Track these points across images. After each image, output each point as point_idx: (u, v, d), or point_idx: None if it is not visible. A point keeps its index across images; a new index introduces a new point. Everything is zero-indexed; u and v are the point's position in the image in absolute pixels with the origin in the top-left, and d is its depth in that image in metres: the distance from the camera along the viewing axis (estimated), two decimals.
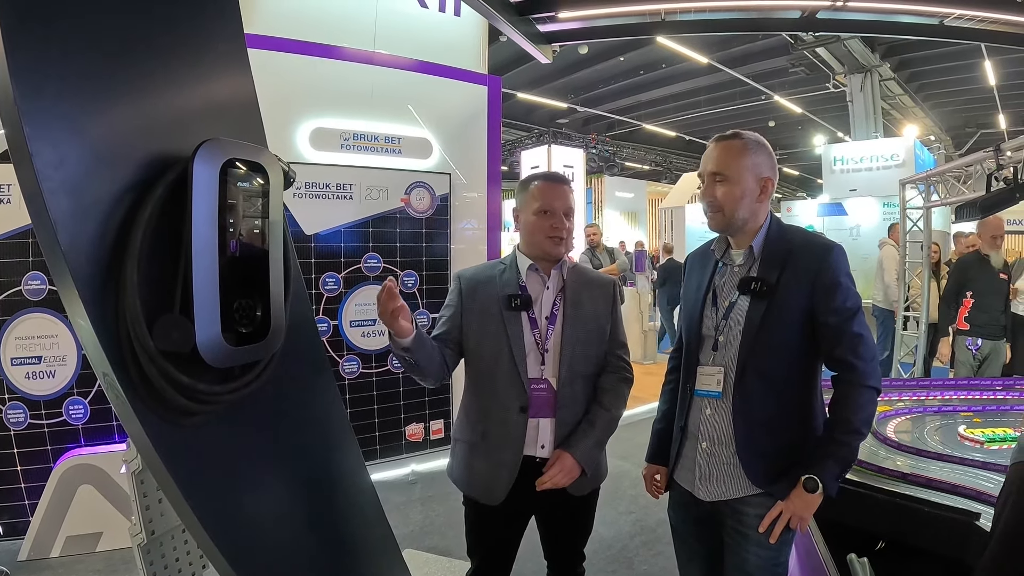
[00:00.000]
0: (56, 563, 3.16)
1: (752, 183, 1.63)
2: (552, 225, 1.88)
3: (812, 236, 1.74)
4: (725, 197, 1.63)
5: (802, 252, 1.61)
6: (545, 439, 1.87)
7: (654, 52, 13.10)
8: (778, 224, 1.70)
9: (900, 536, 2.10)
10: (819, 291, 1.57)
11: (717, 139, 1.68)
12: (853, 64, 12.30)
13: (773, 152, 1.69)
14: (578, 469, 1.83)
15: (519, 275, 1.93)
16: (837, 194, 11.11)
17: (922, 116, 16.07)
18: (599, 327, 1.96)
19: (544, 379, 1.87)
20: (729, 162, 1.63)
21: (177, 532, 1.73)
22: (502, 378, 1.85)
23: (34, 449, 3.30)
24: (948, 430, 2.72)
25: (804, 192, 24.16)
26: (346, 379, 4.25)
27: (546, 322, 1.90)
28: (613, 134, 20.42)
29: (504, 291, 1.89)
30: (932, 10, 4.78)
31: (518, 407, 1.85)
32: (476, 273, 1.98)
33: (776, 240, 1.65)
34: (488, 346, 1.88)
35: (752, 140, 1.65)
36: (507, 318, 1.86)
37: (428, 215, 4.51)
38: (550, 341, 1.89)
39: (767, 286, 1.59)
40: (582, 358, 1.91)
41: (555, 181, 1.95)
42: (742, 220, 1.65)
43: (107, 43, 1.08)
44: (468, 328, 1.91)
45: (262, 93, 1.44)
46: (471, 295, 1.92)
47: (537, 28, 4.90)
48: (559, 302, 1.92)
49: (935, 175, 5.40)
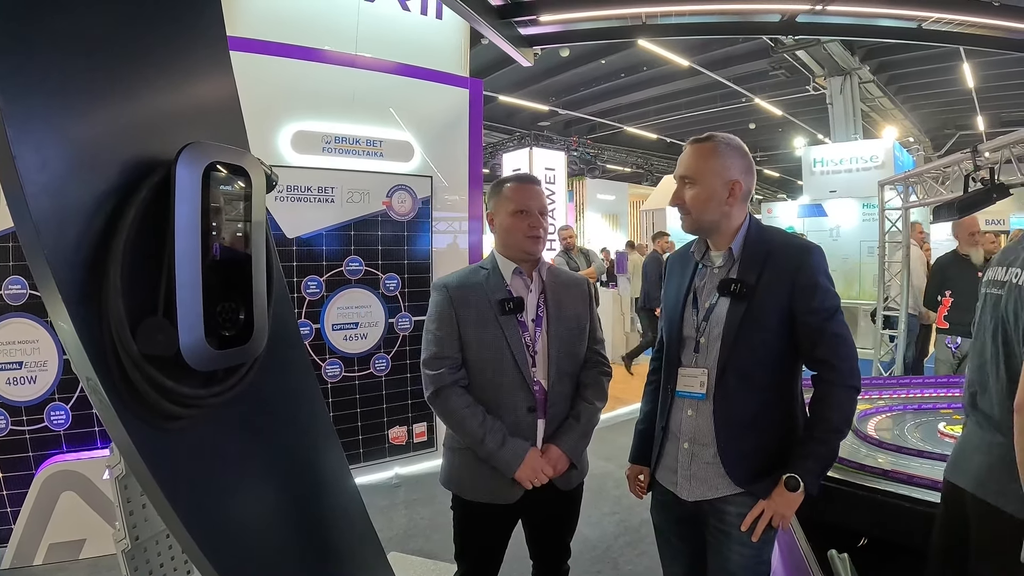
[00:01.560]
0: (39, 571, 3.13)
1: (718, 186, 1.63)
2: (529, 224, 1.90)
3: (791, 237, 1.76)
4: (692, 200, 1.65)
5: (781, 253, 1.62)
6: (538, 438, 1.90)
7: (635, 55, 13.15)
8: (757, 226, 1.71)
9: (881, 532, 2.13)
10: (798, 292, 1.59)
11: (691, 142, 1.70)
12: (833, 67, 12.43)
13: (749, 154, 1.70)
14: (566, 460, 1.87)
15: (503, 279, 1.94)
16: (817, 195, 11.22)
17: (901, 118, 16.27)
18: (580, 326, 2.00)
19: (536, 380, 1.90)
20: (696, 165, 1.65)
21: (162, 537, 1.72)
22: (509, 382, 1.87)
23: (16, 456, 3.26)
24: (928, 427, 2.77)
25: (784, 193, 24.38)
26: (328, 383, 4.24)
27: (533, 324, 1.92)
28: (595, 136, 20.49)
29: (495, 296, 1.89)
30: (911, 14, 4.83)
31: (526, 408, 1.88)
32: (461, 281, 1.95)
33: (755, 242, 1.66)
34: (489, 353, 1.87)
35: (723, 143, 1.66)
36: (504, 323, 1.87)
37: (410, 218, 4.51)
38: (538, 343, 1.91)
39: (747, 287, 1.61)
40: (568, 357, 1.95)
41: (528, 182, 1.99)
42: (710, 222, 1.67)
43: (90, 47, 1.07)
44: (466, 338, 1.88)
45: (244, 96, 1.44)
46: (463, 303, 1.89)
47: (519, 31, 4.90)
48: (542, 303, 1.95)
49: (913, 176, 5.47)
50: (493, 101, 15.98)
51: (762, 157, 22.53)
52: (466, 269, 2.06)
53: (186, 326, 1.09)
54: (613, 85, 15.94)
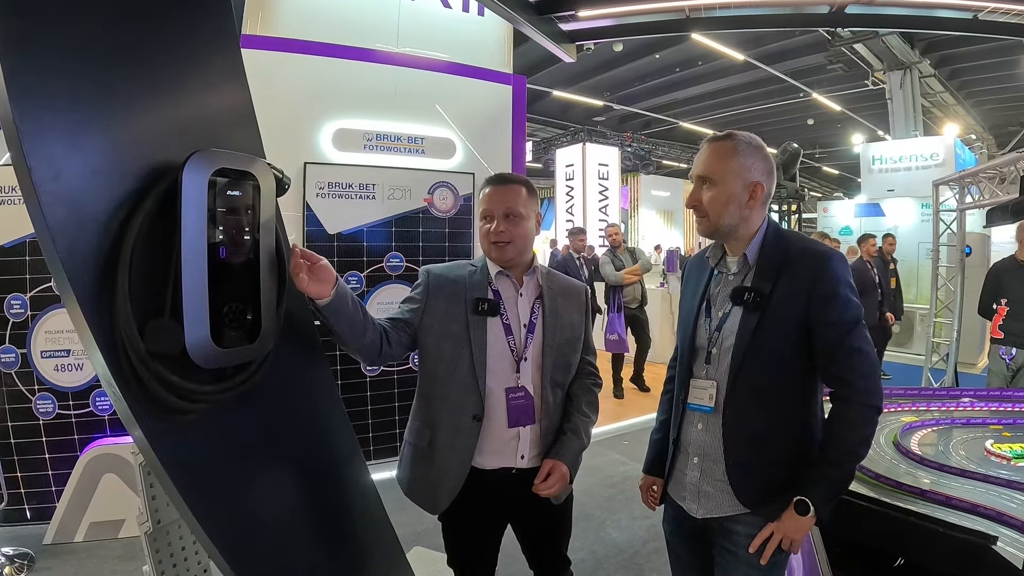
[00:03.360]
0: (79, 547, 3.27)
1: (739, 188, 1.53)
2: (489, 230, 1.81)
3: (810, 243, 1.62)
4: (711, 202, 1.55)
5: (798, 260, 1.52)
6: (525, 449, 1.82)
7: (690, 49, 12.96)
8: (775, 230, 1.61)
9: (910, 557, 2.02)
10: (815, 302, 1.48)
11: (708, 140, 1.61)
12: (892, 61, 11.97)
13: (771, 156, 1.60)
14: (568, 476, 1.80)
15: (489, 279, 1.86)
16: (875, 194, 10.84)
17: (963, 114, 15.55)
18: (575, 336, 1.92)
19: (521, 387, 1.81)
20: (716, 165, 1.55)
21: (183, 522, 1.78)
22: (458, 383, 1.79)
23: (61, 438, 3.43)
24: (974, 444, 2.62)
25: (842, 192, 23.59)
26: (367, 376, 4.30)
27: (524, 330, 1.85)
28: (649, 132, 20.22)
29: (472, 294, 1.82)
30: (965, 3, 4.56)
31: (471, 415, 1.78)
32: (445, 271, 1.89)
33: (772, 248, 1.56)
34: (449, 348, 1.80)
35: (744, 142, 1.56)
36: (472, 322, 1.79)
37: (451, 215, 4.52)
38: (529, 349, 1.83)
39: (760, 296, 1.52)
40: (562, 367, 1.88)
41: (499, 183, 1.87)
42: (729, 226, 1.57)
43: (102, 60, 1.13)
44: (428, 326, 1.82)
45: (285, 95, 1.49)
46: (437, 292, 1.83)
47: (559, 27, 4.86)
48: (537, 309, 1.87)
49: (969, 176, 5.22)
50: (547, 96, 15.96)
51: (821, 154, 21.91)
52: (457, 262, 1.99)
53: (192, 326, 1.14)
54: (668, 80, 15.74)
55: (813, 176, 25.39)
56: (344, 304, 1.58)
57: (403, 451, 1.94)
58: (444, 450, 1.81)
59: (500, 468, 1.81)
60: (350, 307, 1.60)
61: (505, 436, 1.81)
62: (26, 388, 3.38)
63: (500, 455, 1.81)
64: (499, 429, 1.80)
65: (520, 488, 1.78)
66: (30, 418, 3.38)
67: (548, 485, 1.75)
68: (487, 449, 1.81)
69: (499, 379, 1.80)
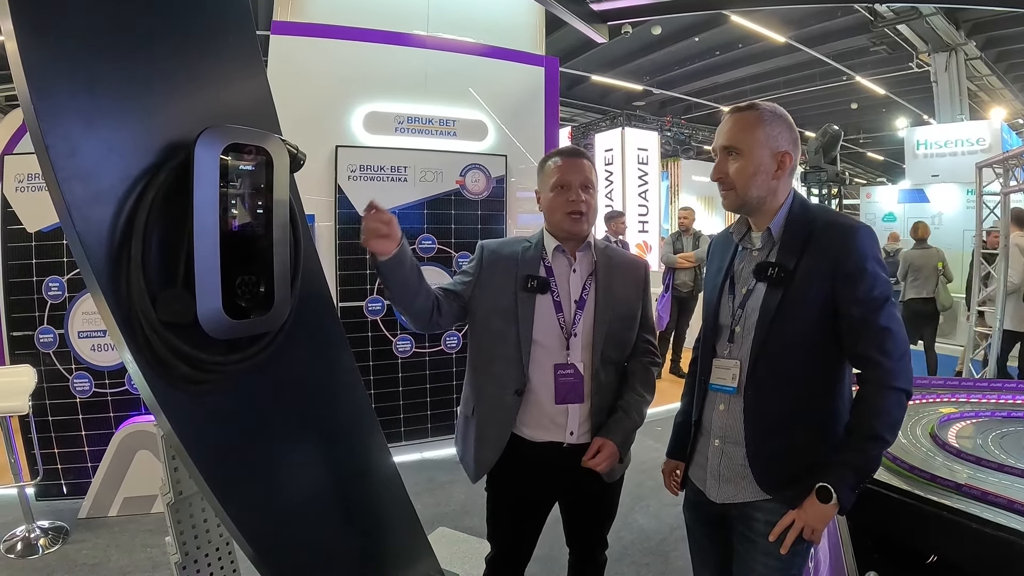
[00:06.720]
0: (113, 522, 3.38)
1: (767, 158, 1.48)
2: (569, 199, 1.80)
3: (837, 216, 1.55)
4: (737, 173, 1.49)
5: (824, 234, 1.45)
6: (574, 426, 1.81)
7: (729, 31, 12.64)
8: (801, 203, 1.55)
9: (946, 554, 1.95)
10: (841, 278, 1.41)
11: (731, 110, 1.56)
12: (937, 42, 11.49)
13: (795, 126, 1.55)
14: (617, 455, 1.78)
15: (544, 255, 1.86)
16: (919, 180, 10.46)
17: (1011, 98, 14.84)
18: (631, 313, 1.89)
19: (571, 364, 1.79)
20: (742, 135, 1.49)
21: None
22: (503, 357, 1.80)
23: (98, 416, 3.56)
24: (1015, 438, 2.51)
25: (887, 178, 22.88)
26: (399, 358, 4.34)
27: (575, 306, 1.83)
28: (690, 116, 19.82)
29: (523, 270, 1.82)
30: None
31: (513, 390, 1.79)
32: (500, 246, 1.92)
33: (797, 221, 1.50)
34: (497, 323, 1.82)
35: (768, 111, 1.51)
36: (521, 299, 1.80)
37: (484, 197, 4.53)
38: (579, 326, 1.81)
39: (784, 271, 1.46)
40: (614, 344, 1.85)
41: (571, 155, 1.86)
42: (757, 199, 1.51)
43: (118, 41, 1.16)
44: (479, 301, 1.85)
45: (317, 79, 1.51)
46: (491, 267, 1.86)
47: (590, 7, 4.79)
48: (589, 286, 1.85)
49: (1013, 157, 4.98)
50: (586, 81, 15.77)
51: (865, 140, 21.26)
52: (513, 238, 2.01)
53: (203, 297, 1.16)
54: (708, 63, 15.37)
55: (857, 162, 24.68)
56: (401, 265, 1.62)
57: (457, 422, 1.99)
58: (485, 421, 1.85)
59: (549, 442, 1.82)
60: (407, 269, 1.66)
61: (552, 411, 1.81)
62: (64, 367, 3.50)
63: (548, 430, 1.82)
64: (546, 404, 1.81)
65: (569, 462, 1.78)
66: (67, 396, 3.51)
67: (597, 462, 1.74)
68: (533, 423, 1.82)
69: (548, 355, 1.80)
